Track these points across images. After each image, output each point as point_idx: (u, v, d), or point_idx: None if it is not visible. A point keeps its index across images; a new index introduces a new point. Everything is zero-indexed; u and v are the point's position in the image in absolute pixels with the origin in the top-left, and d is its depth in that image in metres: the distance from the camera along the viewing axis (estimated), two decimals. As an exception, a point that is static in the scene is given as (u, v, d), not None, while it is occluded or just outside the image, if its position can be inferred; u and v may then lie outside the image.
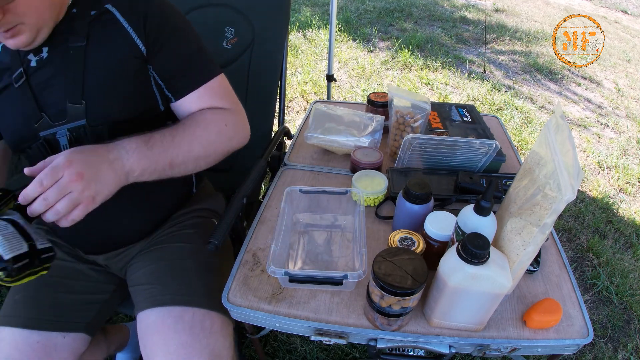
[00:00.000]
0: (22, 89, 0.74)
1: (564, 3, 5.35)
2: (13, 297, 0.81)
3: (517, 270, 0.62)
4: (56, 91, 0.74)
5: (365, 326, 0.68)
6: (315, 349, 1.33)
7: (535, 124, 2.62)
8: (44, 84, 0.74)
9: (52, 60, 0.74)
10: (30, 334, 0.76)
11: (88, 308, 0.86)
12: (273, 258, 0.69)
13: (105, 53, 0.75)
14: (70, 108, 0.74)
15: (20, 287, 0.82)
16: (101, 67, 0.75)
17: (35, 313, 0.78)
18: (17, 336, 0.75)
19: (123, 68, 0.77)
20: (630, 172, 2.28)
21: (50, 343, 0.77)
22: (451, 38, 3.83)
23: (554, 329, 0.67)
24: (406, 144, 0.92)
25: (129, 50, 0.76)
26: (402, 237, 0.73)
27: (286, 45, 1.28)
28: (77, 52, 0.74)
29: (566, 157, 0.57)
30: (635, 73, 3.56)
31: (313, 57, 3.26)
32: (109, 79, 0.76)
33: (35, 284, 0.82)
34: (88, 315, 0.85)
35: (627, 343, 1.44)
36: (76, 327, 0.82)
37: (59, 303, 0.82)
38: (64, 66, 0.74)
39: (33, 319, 0.77)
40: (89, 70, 0.74)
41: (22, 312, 0.78)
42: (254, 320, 0.71)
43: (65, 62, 0.74)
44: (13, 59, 0.75)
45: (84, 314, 0.84)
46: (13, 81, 0.74)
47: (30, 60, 0.74)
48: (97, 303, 0.88)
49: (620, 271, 1.68)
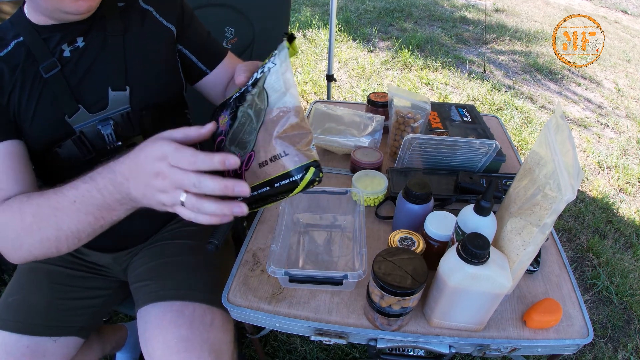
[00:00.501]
0: (55, 80, 0.70)
1: (564, 3, 5.35)
2: (6, 300, 0.80)
3: (517, 270, 0.62)
4: (96, 80, 0.73)
5: (365, 326, 0.67)
6: (315, 349, 1.33)
7: (535, 124, 2.62)
8: (81, 74, 0.72)
9: (90, 49, 0.73)
10: (20, 339, 0.75)
11: (82, 312, 0.85)
12: (273, 258, 0.69)
13: (142, 39, 0.78)
14: (113, 95, 0.74)
15: (14, 291, 0.82)
16: (140, 52, 0.77)
17: (27, 317, 0.77)
18: (7, 340, 0.74)
19: (159, 52, 0.81)
20: (630, 172, 2.28)
21: (39, 348, 0.76)
22: (451, 38, 3.83)
23: (554, 329, 0.67)
24: (406, 144, 0.92)
25: (163, 36, 0.81)
26: (402, 237, 0.73)
27: (286, 45, 1.28)
28: (115, 40, 0.74)
29: (566, 157, 0.57)
30: (635, 73, 3.56)
31: (313, 57, 3.26)
32: (147, 64, 0.78)
33: (30, 288, 0.82)
34: (81, 319, 0.84)
35: (627, 343, 1.44)
36: (68, 331, 0.81)
37: (52, 308, 0.81)
38: (104, 54, 0.73)
39: (24, 323, 0.76)
40: (129, 57, 0.75)
41: (13, 315, 0.77)
42: (254, 320, 0.71)
43: (105, 50, 0.74)
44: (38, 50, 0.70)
45: (77, 318, 0.83)
46: (42, 72, 0.69)
47: (64, 50, 0.71)
48: (91, 307, 0.87)
49: (620, 271, 1.68)
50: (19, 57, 0.69)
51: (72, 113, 0.72)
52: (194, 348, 0.71)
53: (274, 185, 0.50)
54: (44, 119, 0.70)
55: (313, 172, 0.49)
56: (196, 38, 0.86)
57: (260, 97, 0.52)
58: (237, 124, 0.55)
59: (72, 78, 0.71)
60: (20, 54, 0.69)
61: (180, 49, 0.85)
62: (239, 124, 0.55)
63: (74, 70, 0.72)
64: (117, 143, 0.76)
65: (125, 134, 0.76)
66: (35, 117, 0.70)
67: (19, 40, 0.69)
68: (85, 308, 0.86)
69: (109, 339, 1.07)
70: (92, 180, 0.56)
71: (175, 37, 0.83)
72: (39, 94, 0.69)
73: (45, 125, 0.71)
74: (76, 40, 0.72)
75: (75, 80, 0.72)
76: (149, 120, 0.78)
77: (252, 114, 0.53)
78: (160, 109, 0.81)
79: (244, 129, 0.54)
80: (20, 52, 0.69)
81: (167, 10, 0.81)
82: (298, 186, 0.49)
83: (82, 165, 0.74)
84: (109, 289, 0.91)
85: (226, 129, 0.58)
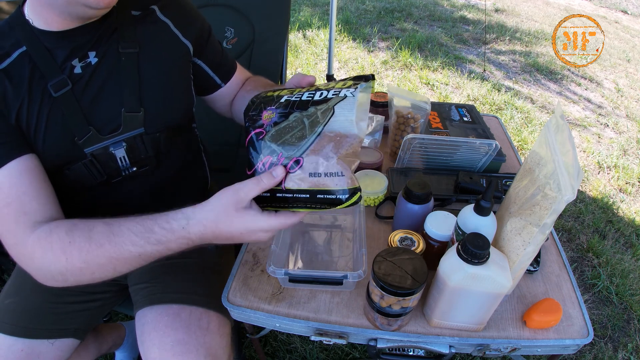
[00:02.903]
0: (65, 100, 0.65)
1: (564, 3, 5.35)
2: (3, 302, 0.80)
3: (517, 270, 0.62)
4: (109, 101, 0.69)
5: (365, 326, 0.67)
6: (315, 349, 1.33)
7: (535, 124, 2.62)
8: (93, 94, 0.67)
9: (102, 67, 0.68)
10: (15, 342, 0.74)
11: (79, 315, 0.84)
12: (273, 258, 0.69)
13: (157, 57, 0.73)
14: (126, 117, 0.70)
15: (10, 293, 0.81)
16: (155, 71, 0.73)
17: (23, 320, 0.77)
18: (2, 342, 0.74)
19: (174, 70, 0.77)
20: (630, 172, 2.28)
21: (34, 351, 0.75)
22: (451, 38, 3.83)
23: (554, 329, 0.67)
24: (406, 144, 0.92)
25: (178, 51, 0.77)
26: (402, 237, 0.73)
27: (286, 45, 1.28)
28: (129, 57, 0.70)
29: (566, 157, 0.57)
30: (635, 73, 3.56)
31: (313, 57, 3.26)
32: (162, 83, 0.74)
33: (26, 291, 0.81)
34: (78, 322, 0.83)
35: (627, 343, 1.44)
36: (64, 333, 0.80)
37: (49, 311, 0.80)
38: (117, 73, 0.69)
39: (19, 326, 0.76)
40: (144, 76, 0.71)
41: (9, 318, 0.77)
42: (254, 320, 0.71)
43: (118, 69, 0.69)
44: (45, 65, 0.63)
45: (73, 320, 0.83)
46: (51, 90, 0.64)
47: (75, 66, 0.65)
48: (88, 310, 0.86)
49: (620, 271, 1.68)
50: (23, 71, 0.63)
51: (82, 135, 0.67)
52: (190, 351, 0.70)
53: (316, 196, 0.55)
54: (53, 139, 0.65)
55: (358, 197, 0.55)
56: (214, 53, 0.85)
57: (325, 114, 0.57)
58: (285, 124, 0.58)
59: (83, 98, 0.67)
60: (24, 68, 0.63)
61: (196, 61, 0.82)
62: (288, 126, 0.58)
63: (86, 90, 0.67)
64: (132, 169, 0.74)
65: (139, 156, 0.73)
66: (47, 137, 0.65)
67: (22, 51, 0.63)
68: (83, 311, 0.85)
69: (106, 339, 1.06)
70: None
71: (192, 53, 0.80)
72: (47, 114, 0.64)
73: (54, 146, 0.66)
74: (87, 55, 0.67)
75: (86, 100, 0.67)
76: (163, 141, 0.76)
77: (307, 123, 0.57)
78: (174, 128, 0.78)
79: (293, 132, 0.57)
80: (24, 65, 0.63)
81: (186, 25, 0.77)
82: (342, 204, 0.54)
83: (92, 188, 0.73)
84: (107, 292, 0.90)
85: (269, 124, 0.60)
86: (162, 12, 0.75)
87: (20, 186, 0.61)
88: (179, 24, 0.76)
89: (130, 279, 0.87)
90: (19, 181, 0.61)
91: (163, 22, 0.75)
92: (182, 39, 0.77)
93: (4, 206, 0.60)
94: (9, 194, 0.60)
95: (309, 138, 0.56)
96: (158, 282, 0.81)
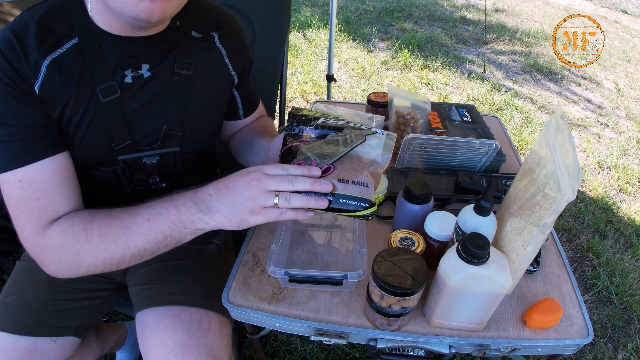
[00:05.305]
0: (111, 107, 0.65)
1: (564, 3, 5.35)
2: (3, 300, 0.80)
3: (517, 270, 0.62)
4: (154, 116, 0.70)
5: (365, 326, 0.67)
6: (315, 349, 1.33)
7: (535, 124, 2.62)
8: (139, 106, 0.68)
9: (154, 81, 0.68)
10: (18, 340, 0.74)
11: (79, 313, 0.84)
12: (273, 258, 0.69)
13: (206, 83, 0.75)
14: (166, 135, 0.72)
15: (11, 291, 0.82)
16: (202, 96, 0.75)
17: (24, 318, 0.77)
18: (4, 341, 0.74)
19: (219, 98, 0.80)
20: (630, 172, 2.28)
21: (36, 349, 0.75)
22: (451, 38, 3.83)
23: (554, 329, 0.67)
24: (406, 144, 0.92)
25: (225, 80, 0.79)
26: (402, 237, 0.73)
27: (286, 45, 1.28)
28: (182, 78, 0.71)
29: (566, 157, 0.57)
30: (635, 73, 3.56)
31: (313, 57, 3.26)
32: (206, 109, 0.77)
33: (27, 289, 0.82)
34: (79, 320, 0.84)
35: (627, 343, 1.44)
36: (66, 331, 0.80)
37: (50, 308, 0.80)
38: (167, 91, 0.70)
39: (21, 324, 0.76)
40: (191, 99, 0.73)
41: (10, 316, 0.77)
42: (254, 320, 0.71)
43: (170, 87, 0.70)
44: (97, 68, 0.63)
45: (74, 318, 0.83)
46: (99, 94, 0.64)
47: (126, 75, 0.66)
48: (88, 308, 0.86)
49: (620, 271, 1.68)
50: (74, 67, 0.61)
51: (120, 143, 0.68)
52: (191, 353, 0.71)
53: (339, 200, 0.61)
54: (90, 141, 0.66)
55: (372, 210, 0.61)
56: (248, 87, 0.88)
57: (357, 137, 0.65)
58: (321, 142, 0.66)
59: (128, 107, 0.67)
60: (76, 63, 0.61)
61: (233, 91, 0.85)
62: (324, 142, 0.66)
63: (132, 100, 0.67)
64: (162, 184, 0.78)
65: (167, 171, 0.77)
66: (85, 139, 0.65)
67: (75, 42, 0.61)
68: (83, 308, 0.85)
69: (108, 338, 1.06)
70: (171, 199, 0.61)
71: (235, 84, 0.83)
72: (91, 117, 0.64)
73: (90, 148, 0.67)
74: (141, 67, 0.67)
75: (130, 110, 0.67)
76: (192, 160, 0.80)
77: (340, 141, 0.65)
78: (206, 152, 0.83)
79: (328, 146, 0.65)
80: (76, 60, 0.61)
81: (237, 57, 0.79)
82: (357, 212, 0.61)
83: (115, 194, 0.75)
84: (107, 290, 0.90)
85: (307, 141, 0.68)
86: (220, 40, 0.76)
87: (52, 184, 0.61)
88: (232, 55, 0.78)
89: (130, 279, 0.87)
90: (52, 179, 0.61)
91: (218, 49, 0.76)
92: (231, 70, 0.79)
93: (32, 200, 0.60)
94: (40, 189, 0.60)
95: (341, 151, 0.63)
96: (158, 283, 0.81)
